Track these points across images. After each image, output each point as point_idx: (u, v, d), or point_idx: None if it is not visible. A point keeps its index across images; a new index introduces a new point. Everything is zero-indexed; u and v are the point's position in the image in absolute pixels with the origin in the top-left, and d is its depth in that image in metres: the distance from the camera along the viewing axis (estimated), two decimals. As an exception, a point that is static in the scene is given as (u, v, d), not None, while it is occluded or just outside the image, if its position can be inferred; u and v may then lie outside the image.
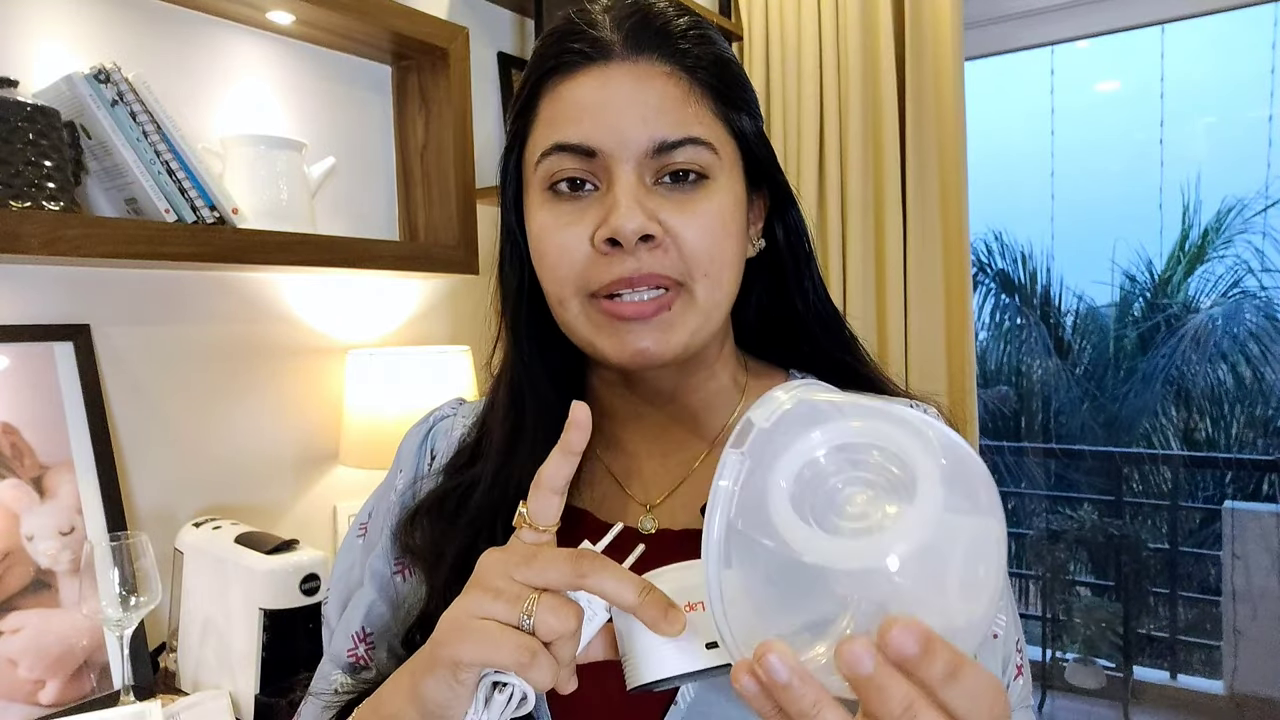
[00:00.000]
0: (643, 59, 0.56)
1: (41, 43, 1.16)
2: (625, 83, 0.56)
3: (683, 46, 0.57)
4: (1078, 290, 4.23)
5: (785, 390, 0.39)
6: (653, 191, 0.56)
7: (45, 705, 1.07)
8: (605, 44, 0.56)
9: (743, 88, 0.61)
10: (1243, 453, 3.76)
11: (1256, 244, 3.85)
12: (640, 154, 0.55)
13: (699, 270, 0.56)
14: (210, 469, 1.36)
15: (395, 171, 1.67)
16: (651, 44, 0.57)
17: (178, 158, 1.17)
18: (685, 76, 0.57)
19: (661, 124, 0.55)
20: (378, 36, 1.49)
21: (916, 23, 1.80)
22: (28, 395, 1.13)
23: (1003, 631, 0.58)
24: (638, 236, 0.54)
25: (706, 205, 0.57)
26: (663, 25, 0.57)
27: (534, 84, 0.59)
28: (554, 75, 0.58)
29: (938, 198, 1.82)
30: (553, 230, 0.57)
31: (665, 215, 0.55)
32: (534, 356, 0.64)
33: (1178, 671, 3.28)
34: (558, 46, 0.58)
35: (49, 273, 1.18)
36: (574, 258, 0.57)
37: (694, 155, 0.56)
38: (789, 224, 0.66)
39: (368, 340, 1.62)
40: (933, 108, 1.80)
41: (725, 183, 0.58)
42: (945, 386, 1.84)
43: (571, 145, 0.56)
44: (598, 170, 0.56)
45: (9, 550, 1.08)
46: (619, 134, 0.55)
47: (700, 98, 0.57)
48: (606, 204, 0.55)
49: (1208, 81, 4.29)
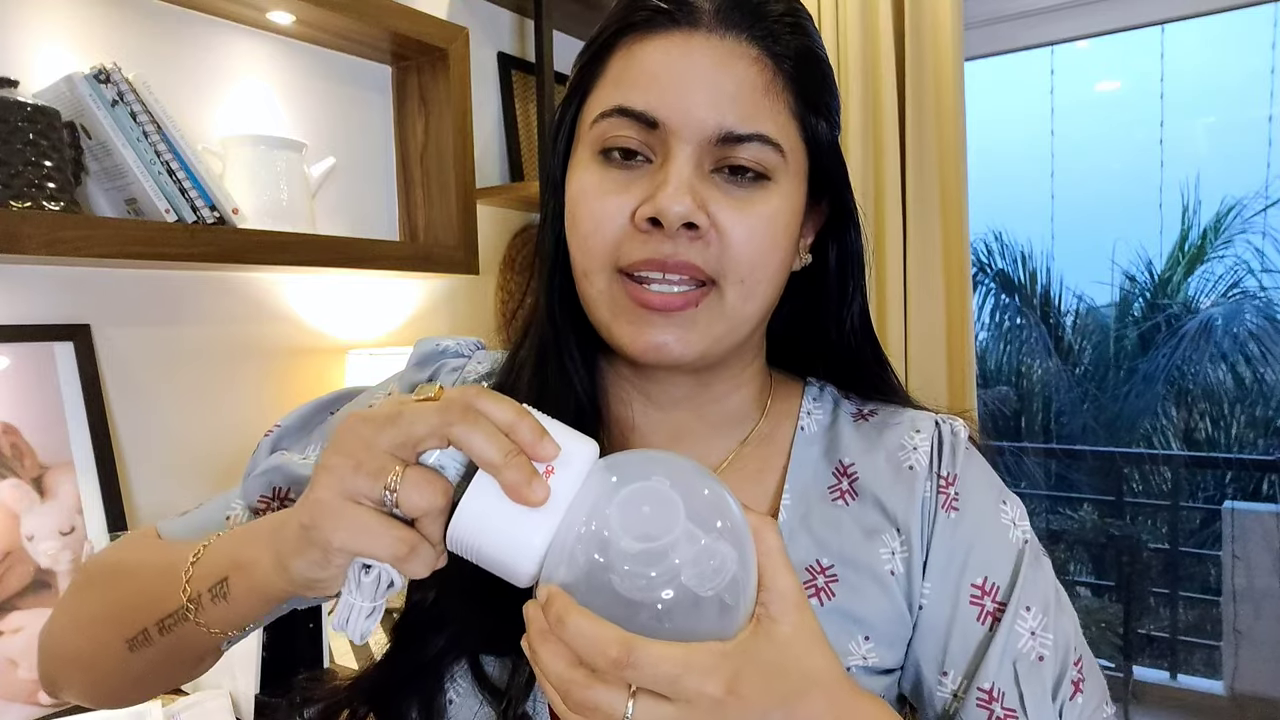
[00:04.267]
0: (730, 36, 0.52)
1: (42, 43, 1.16)
2: (706, 58, 0.51)
3: (775, 31, 0.53)
4: (1078, 290, 4.23)
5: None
6: (708, 180, 0.52)
7: (45, 705, 1.07)
8: (695, 10, 0.52)
9: (828, 91, 0.57)
10: (1243, 453, 3.76)
11: (1256, 244, 3.84)
12: (704, 138, 0.51)
13: (736, 274, 0.53)
14: (210, 469, 1.36)
15: (395, 172, 1.67)
16: (743, 22, 0.52)
17: (178, 158, 1.17)
18: (770, 65, 0.52)
19: (733, 112, 0.51)
20: (378, 37, 1.50)
21: (916, 23, 1.80)
22: (28, 395, 1.13)
23: (1049, 653, 0.55)
24: (681, 222, 0.51)
25: (761, 208, 0.53)
26: (758, 4, 0.53)
27: (610, 35, 0.55)
28: (633, 31, 0.53)
29: (938, 197, 1.82)
30: (593, 196, 0.53)
31: (715, 208, 0.52)
32: (564, 320, 0.59)
33: (1178, 672, 3.28)
34: (644, 1, 0.53)
35: (49, 273, 1.18)
36: (608, 230, 0.53)
37: (759, 154, 0.52)
38: (845, 246, 0.61)
39: (368, 340, 1.62)
40: (933, 107, 1.80)
41: (786, 188, 0.54)
42: (945, 387, 1.84)
43: (635, 111, 0.52)
44: (655, 143, 0.52)
45: (9, 550, 1.08)
46: (687, 111, 0.51)
47: (780, 92, 0.53)
48: (656, 181, 0.52)
49: (1208, 81, 4.29)
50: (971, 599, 0.56)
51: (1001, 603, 0.56)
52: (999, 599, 0.56)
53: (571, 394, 0.59)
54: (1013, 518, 0.59)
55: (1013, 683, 0.53)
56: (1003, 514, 0.59)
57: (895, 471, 0.59)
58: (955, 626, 0.56)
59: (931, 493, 0.58)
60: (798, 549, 0.57)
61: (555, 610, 0.38)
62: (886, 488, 0.59)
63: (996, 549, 0.57)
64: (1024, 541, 0.58)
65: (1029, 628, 0.55)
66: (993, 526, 0.58)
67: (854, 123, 1.84)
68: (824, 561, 0.57)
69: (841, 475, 0.60)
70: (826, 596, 0.56)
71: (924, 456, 0.59)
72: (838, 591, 0.56)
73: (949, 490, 0.58)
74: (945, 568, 0.57)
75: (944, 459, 0.59)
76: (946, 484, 0.58)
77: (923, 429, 0.61)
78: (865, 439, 0.62)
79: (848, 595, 0.56)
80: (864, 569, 0.57)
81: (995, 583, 0.56)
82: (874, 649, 0.55)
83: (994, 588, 0.56)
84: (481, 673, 0.56)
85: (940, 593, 0.56)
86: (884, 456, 0.60)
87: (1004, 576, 0.56)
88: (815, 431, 0.63)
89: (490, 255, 1.84)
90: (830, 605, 0.56)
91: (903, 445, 0.60)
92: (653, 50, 0.52)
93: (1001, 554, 0.57)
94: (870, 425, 0.63)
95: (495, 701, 0.55)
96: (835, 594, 0.56)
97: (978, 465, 0.61)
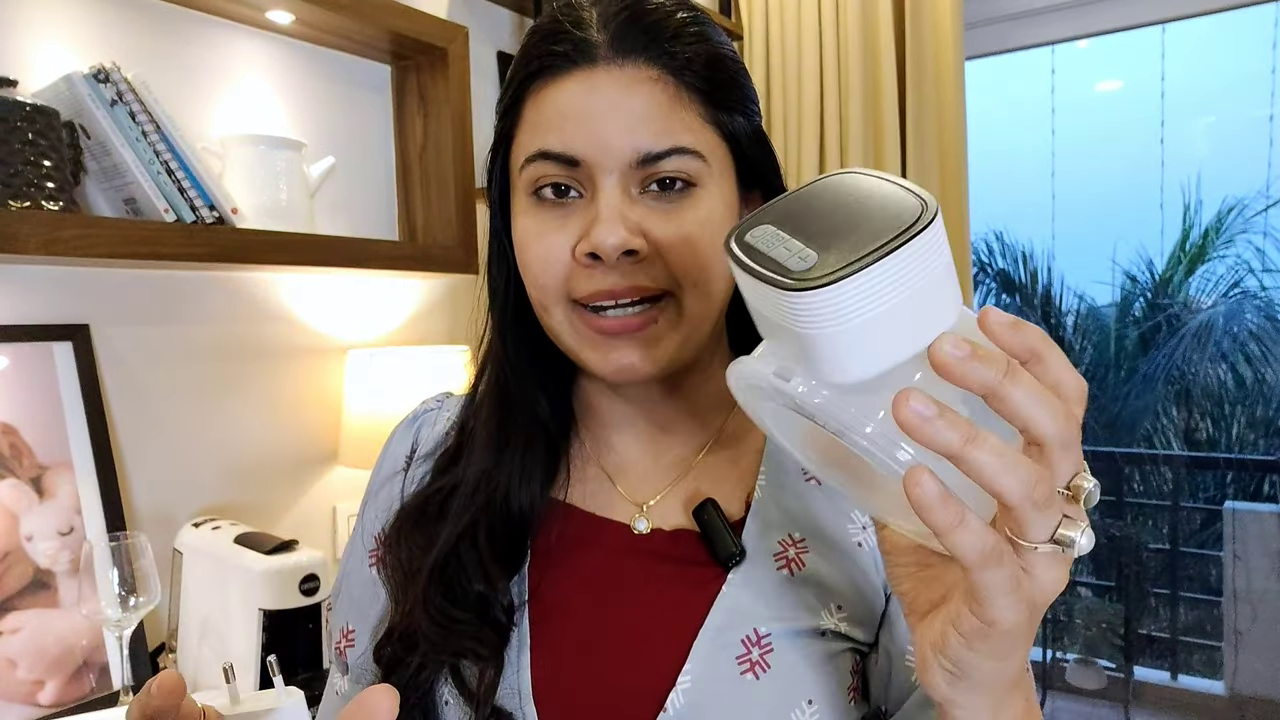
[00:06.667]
0: (629, 63, 0.54)
1: (41, 42, 1.16)
2: (609, 90, 0.54)
3: (671, 48, 0.55)
4: (1078, 290, 4.23)
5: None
6: (638, 201, 0.55)
7: (44, 706, 1.07)
8: (590, 46, 0.54)
9: (737, 86, 0.58)
10: (1243, 453, 3.76)
11: (1257, 244, 3.84)
12: (624, 164, 0.54)
13: (687, 280, 0.55)
14: (209, 469, 1.36)
15: (394, 171, 1.67)
16: (638, 45, 0.54)
17: (177, 157, 1.17)
18: (673, 80, 0.54)
19: (646, 134, 0.53)
20: (377, 36, 1.49)
21: (917, 22, 1.80)
22: (27, 395, 1.13)
23: None
24: (618, 253, 0.53)
25: (693, 214, 0.55)
26: (652, 23, 0.55)
27: (518, 86, 0.58)
28: (538, 78, 0.56)
29: (938, 197, 1.82)
30: (535, 237, 0.56)
31: (650, 226, 0.54)
32: (519, 356, 0.63)
33: (1178, 672, 3.28)
34: (541, 48, 0.56)
35: (48, 272, 1.18)
36: (556, 267, 0.55)
37: (681, 164, 0.54)
38: None
39: (367, 340, 1.62)
40: (933, 107, 1.80)
41: (714, 189, 0.56)
42: (946, 386, 1.84)
43: (554, 154, 0.54)
44: (582, 178, 0.55)
45: (8, 550, 1.08)
46: (602, 144, 0.53)
47: (689, 103, 0.55)
48: (589, 215, 0.54)
49: (1208, 81, 4.29)
50: None
51: None
52: None
53: (537, 423, 0.63)
54: None
55: None
56: None
57: None
58: None
59: None
60: (772, 525, 0.59)
61: (1023, 338, 0.34)
62: None
63: None
64: None
65: None
66: None
67: (855, 122, 1.84)
68: (795, 535, 0.59)
69: None
70: (797, 567, 0.58)
71: None
72: (808, 562, 0.58)
73: None
74: None
75: None
76: None
77: None
78: None
79: (818, 565, 0.58)
80: (835, 543, 0.58)
81: None
82: (846, 619, 0.57)
83: None
84: (460, 679, 0.58)
85: None
86: None
87: None
88: None
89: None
90: (800, 575, 0.57)
91: None
92: (559, 92, 0.55)
93: None
94: None
95: (470, 704, 0.57)
96: (805, 564, 0.58)
97: None
